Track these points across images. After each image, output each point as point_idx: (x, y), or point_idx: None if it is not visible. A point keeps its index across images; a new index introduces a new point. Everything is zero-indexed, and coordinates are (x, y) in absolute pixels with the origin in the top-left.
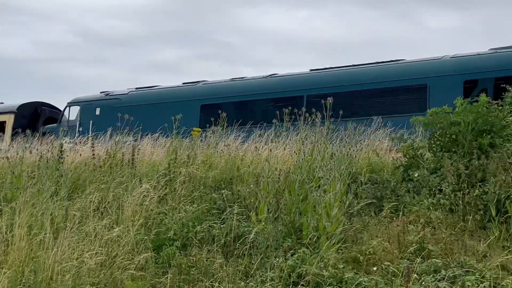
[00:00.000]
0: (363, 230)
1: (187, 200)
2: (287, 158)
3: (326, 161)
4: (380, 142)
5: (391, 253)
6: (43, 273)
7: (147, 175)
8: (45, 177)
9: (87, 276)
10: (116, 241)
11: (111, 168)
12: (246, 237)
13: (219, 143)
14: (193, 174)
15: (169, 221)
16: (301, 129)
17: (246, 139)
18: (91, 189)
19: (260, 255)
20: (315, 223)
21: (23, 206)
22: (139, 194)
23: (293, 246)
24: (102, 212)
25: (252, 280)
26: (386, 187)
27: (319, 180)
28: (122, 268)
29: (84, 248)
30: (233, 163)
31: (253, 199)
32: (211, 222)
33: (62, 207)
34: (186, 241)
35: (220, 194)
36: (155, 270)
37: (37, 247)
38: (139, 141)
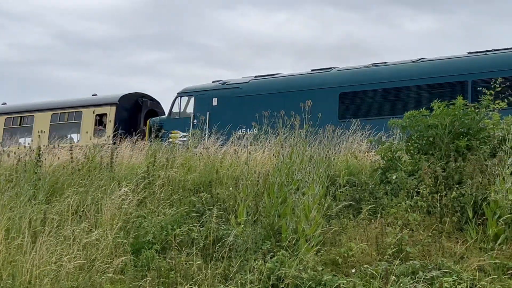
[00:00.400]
0: (341, 233)
1: (166, 203)
2: (266, 160)
3: (304, 164)
4: (358, 144)
5: (369, 255)
6: (21, 277)
7: (126, 178)
8: (23, 180)
9: (65, 280)
10: (94, 244)
11: (89, 171)
12: (225, 240)
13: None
14: (172, 177)
15: (148, 224)
16: (280, 132)
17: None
18: (70, 193)
19: (239, 258)
20: (294, 226)
21: (1, 210)
22: (118, 198)
23: (272, 248)
24: (81, 215)
25: (232, 283)
26: (364, 189)
27: (297, 182)
28: (101, 272)
29: (63, 252)
30: (212, 166)
31: (232, 202)
32: (190, 225)
33: (41, 211)
34: (165, 244)
35: (199, 197)
36: (134, 273)
37: (15, 251)
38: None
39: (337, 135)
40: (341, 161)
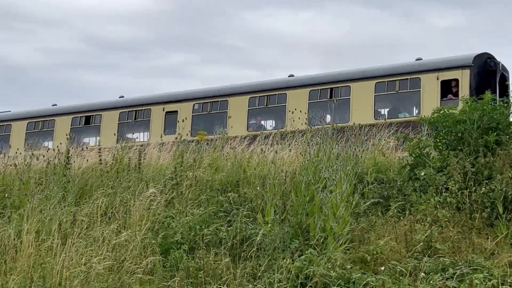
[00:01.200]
0: (370, 230)
1: (194, 204)
2: (293, 159)
3: (332, 162)
4: (386, 141)
5: (398, 253)
6: (51, 279)
7: (153, 179)
8: (53, 183)
9: (95, 281)
10: (123, 245)
11: (118, 173)
12: (253, 239)
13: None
14: (199, 178)
15: (176, 225)
16: (307, 131)
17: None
18: (98, 194)
19: (267, 257)
20: (322, 224)
21: (31, 213)
22: (146, 198)
23: (300, 247)
24: (110, 217)
25: (260, 282)
26: (392, 186)
27: (325, 180)
28: (130, 273)
29: (92, 253)
30: (239, 165)
31: (259, 201)
32: (218, 225)
33: (70, 213)
34: (194, 244)
35: (227, 197)
36: (163, 273)
37: (46, 253)
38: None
39: (364, 132)
40: (369, 158)
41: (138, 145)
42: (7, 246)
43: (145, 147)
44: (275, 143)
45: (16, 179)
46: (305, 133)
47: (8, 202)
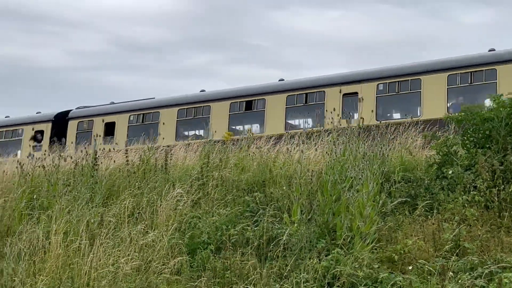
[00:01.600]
0: (397, 229)
1: (220, 204)
2: (319, 159)
3: (358, 161)
4: (413, 140)
5: (426, 252)
6: (79, 279)
7: (180, 179)
8: (80, 184)
9: (123, 281)
10: (151, 246)
11: (144, 173)
12: (280, 239)
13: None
14: (225, 178)
15: (203, 225)
16: (333, 129)
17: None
18: (126, 195)
19: (294, 257)
20: (349, 223)
21: (59, 214)
22: (172, 199)
23: (327, 247)
24: (137, 217)
25: (287, 282)
26: (420, 185)
27: (351, 180)
28: (158, 273)
29: (120, 254)
30: (265, 165)
31: (286, 201)
32: (244, 225)
33: (98, 214)
34: (220, 244)
35: (253, 197)
36: (189, 274)
37: (74, 253)
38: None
39: (391, 131)
40: (396, 157)
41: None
42: (36, 247)
43: (172, 148)
44: (301, 142)
45: (44, 180)
46: (331, 132)
47: (37, 203)
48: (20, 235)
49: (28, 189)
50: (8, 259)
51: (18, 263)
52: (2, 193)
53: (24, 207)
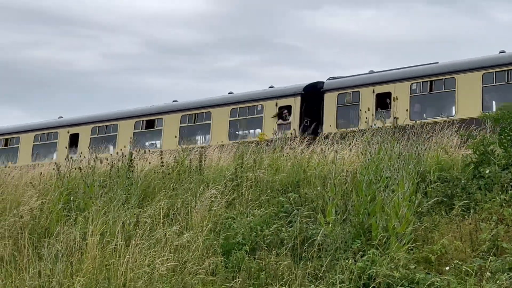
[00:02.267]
0: (433, 230)
1: (254, 204)
2: (353, 159)
3: (393, 161)
4: (449, 139)
5: (463, 252)
6: (116, 280)
7: (214, 180)
8: (116, 185)
9: (159, 282)
10: (186, 246)
11: (179, 175)
12: (314, 239)
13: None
14: (260, 178)
15: (237, 226)
16: (367, 129)
17: None
18: (161, 196)
19: (329, 257)
20: (384, 224)
21: (96, 215)
22: (207, 200)
23: (362, 247)
24: (172, 218)
25: (322, 283)
26: (456, 185)
27: (386, 180)
28: (193, 274)
29: (155, 255)
30: (299, 165)
31: (320, 201)
32: (279, 225)
33: (133, 215)
34: (255, 245)
35: (287, 197)
36: (225, 274)
37: (110, 254)
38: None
39: (426, 130)
40: (431, 156)
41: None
42: (73, 248)
43: (206, 149)
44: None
45: (81, 182)
46: (365, 132)
47: (74, 205)
48: (58, 236)
49: (65, 190)
50: (46, 260)
51: (55, 264)
52: (40, 195)
53: (61, 208)
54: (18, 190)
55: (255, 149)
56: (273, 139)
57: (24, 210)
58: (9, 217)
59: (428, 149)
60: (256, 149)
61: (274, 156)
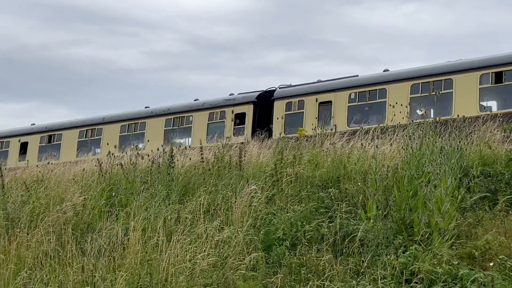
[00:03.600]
0: (477, 225)
1: (294, 200)
2: (394, 154)
3: (435, 156)
4: (492, 133)
5: (508, 248)
6: (158, 275)
7: (254, 176)
8: (157, 181)
9: (200, 277)
10: (226, 242)
11: (219, 170)
12: (355, 235)
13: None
14: (300, 174)
15: (277, 221)
16: (408, 124)
17: None
18: (201, 192)
19: (370, 253)
20: (427, 219)
21: (137, 211)
22: (247, 195)
23: (404, 243)
24: (212, 214)
25: (363, 278)
26: (500, 179)
27: (428, 175)
28: (234, 269)
29: (196, 250)
30: (339, 161)
31: (361, 197)
32: (319, 221)
33: (174, 210)
34: (295, 241)
35: (328, 193)
36: (265, 270)
37: (152, 250)
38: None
39: (468, 124)
40: (474, 151)
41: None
42: (115, 244)
43: (245, 145)
44: (376, 137)
45: (122, 178)
46: (406, 127)
47: (116, 200)
48: (100, 231)
49: (107, 187)
50: (89, 255)
51: (98, 259)
52: (83, 191)
53: (103, 204)
54: (61, 186)
55: (295, 144)
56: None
57: (67, 206)
58: (52, 213)
59: (470, 143)
60: (296, 144)
61: (314, 152)
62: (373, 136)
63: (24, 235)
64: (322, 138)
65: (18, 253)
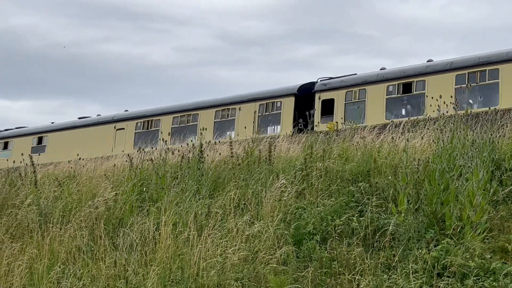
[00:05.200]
0: (510, 218)
1: (324, 194)
2: (425, 147)
3: (467, 149)
4: None
5: None
6: (189, 269)
7: (284, 170)
8: (187, 176)
9: (231, 271)
10: (257, 236)
11: (249, 165)
12: (386, 229)
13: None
14: (329, 168)
15: (308, 216)
16: (439, 117)
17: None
18: (231, 187)
19: (401, 247)
20: (458, 213)
21: (168, 206)
22: (277, 190)
23: (435, 237)
24: (242, 208)
25: (395, 273)
26: None
27: (460, 168)
28: (265, 263)
29: (227, 244)
30: (369, 155)
31: (391, 191)
32: (349, 215)
33: (205, 205)
34: (326, 235)
35: (358, 187)
36: (296, 264)
37: (183, 244)
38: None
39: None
40: (506, 144)
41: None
42: (146, 238)
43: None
44: (406, 131)
45: (152, 173)
46: (437, 120)
47: (146, 196)
48: (132, 226)
49: (138, 182)
50: (121, 249)
51: (130, 254)
52: (114, 186)
53: (134, 199)
54: (93, 181)
55: (324, 139)
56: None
57: (99, 201)
58: (84, 208)
59: (502, 136)
60: (325, 139)
61: (344, 146)
62: (406, 129)
63: (57, 230)
64: (352, 132)
65: (52, 248)
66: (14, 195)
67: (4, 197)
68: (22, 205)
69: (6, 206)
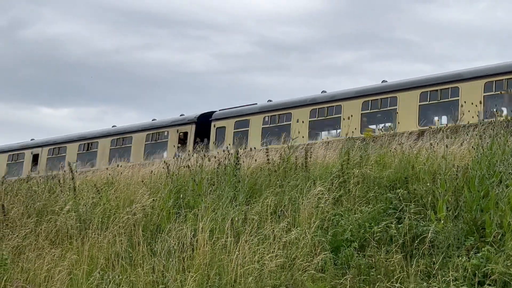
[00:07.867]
0: None
1: (362, 201)
2: (464, 153)
3: (507, 155)
4: None
5: None
6: (227, 276)
7: (320, 177)
8: (224, 183)
9: (268, 278)
10: (294, 243)
11: (285, 172)
12: (425, 236)
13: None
14: (367, 175)
15: (345, 222)
16: (479, 123)
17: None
18: (267, 193)
19: (441, 255)
20: (499, 220)
21: (205, 212)
22: (314, 197)
23: (476, 244)
24: (279, 215)
25: (435, 280)
26: None
27: (500, 174)
28: (302, 270)
29: (264, 251)
30: (407, 161)
31: (430, 198)
32: (387, 222)
33: (241, 212)
34: (364, 242)
35: (396, 194)
36: (334, 271)
37: (220, 250)
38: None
39: None
40: None
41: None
42: (184, 245)
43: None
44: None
45: (189, 180)
46: (476, 127)
47: (183, 202)
48: (169, 233)
49: (174, 188)
50: (159, 256)
51: (168, 260)
52: (151, 193)
53: (171, 206)
54: (130, 188)
55: (361, 145)
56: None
57: (137, 208)
58: (122, 214)
59: None
60: (362, 145)
61: (381, 152)
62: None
63: (96, 236)
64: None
65: (91, 254)
66: (53, 202)
67: (44, 204)
68: (61, 211)
69: (46, 212)
